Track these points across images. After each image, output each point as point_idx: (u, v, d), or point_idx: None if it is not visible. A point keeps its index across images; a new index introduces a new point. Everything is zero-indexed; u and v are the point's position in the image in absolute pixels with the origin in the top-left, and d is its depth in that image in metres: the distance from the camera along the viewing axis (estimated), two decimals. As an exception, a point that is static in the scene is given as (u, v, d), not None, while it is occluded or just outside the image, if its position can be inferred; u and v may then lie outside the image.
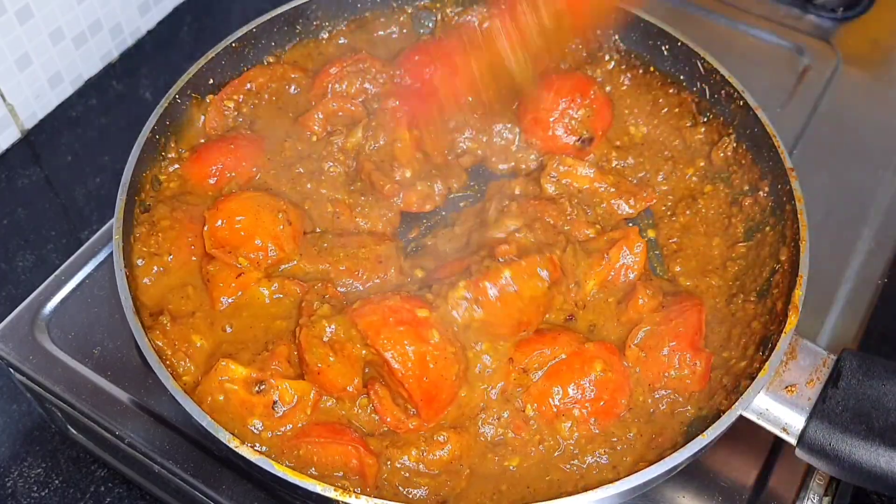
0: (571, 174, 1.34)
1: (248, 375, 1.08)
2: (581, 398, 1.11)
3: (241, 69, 1.43)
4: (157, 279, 1.20)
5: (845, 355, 1.06)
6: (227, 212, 1.20)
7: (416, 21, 1.55)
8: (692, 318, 1.17)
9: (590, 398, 1.11)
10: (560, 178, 1.34)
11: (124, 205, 1.20)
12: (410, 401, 1.08)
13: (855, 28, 1.77)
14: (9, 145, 1.68)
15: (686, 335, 1.15)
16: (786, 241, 1.22)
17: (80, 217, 1.61)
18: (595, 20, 1.39)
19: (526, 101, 1.41)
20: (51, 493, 1.30)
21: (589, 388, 1.11)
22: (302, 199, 1.30)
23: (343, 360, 1.09)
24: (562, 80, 1.41)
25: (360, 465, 1.04)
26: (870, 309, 1.35)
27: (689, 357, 1.14)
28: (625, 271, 1.23)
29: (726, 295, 1.25)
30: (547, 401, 1.12)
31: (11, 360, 1.22)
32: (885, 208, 1.48)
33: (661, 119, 1.46)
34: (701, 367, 1.14)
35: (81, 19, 1.71)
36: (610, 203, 1.35)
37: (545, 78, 1.41)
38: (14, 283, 1.52)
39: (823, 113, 1.61)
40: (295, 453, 1.05)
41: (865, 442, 0.99)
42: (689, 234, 1.33)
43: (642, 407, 1.14)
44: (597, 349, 1.14)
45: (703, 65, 1.40)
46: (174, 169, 1.33)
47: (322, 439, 1.05)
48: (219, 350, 1.14)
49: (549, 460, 1.10)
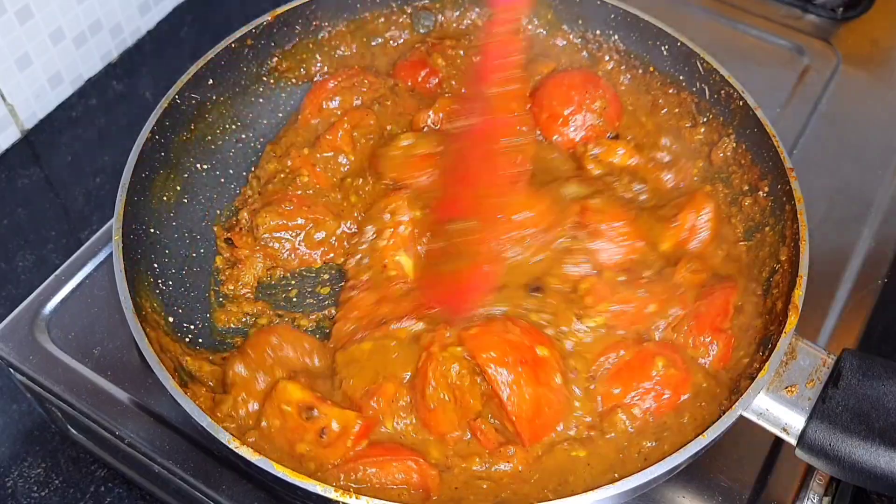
0: (611, 153, 1.36)
1: (302, 399, 1.07)
2: (644, 394, 1.12)
3: (241, 69, 1.43)
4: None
5: (845, 355, 1.06)
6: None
7: (417, 22, 1.55)
8: (718, 300, 1.17)
9: (653, 394, 1.12)
10: (601, 158, 1.35)
11: (124, 205, 1.20)
12: (517, 437, 1.08)
13: (855, 28, 1.77)
14: (9, 145, 1.68)
15: (707, 316, 1.16)
16: (785, 241, 1.22)
17: (80, 217, 1.61)
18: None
19: (540, 100, 1.41)
20: (51, 493, 1.30)
21: (652, 385, 1.12)
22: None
23: (457, 408, 1.08)
24: (570, 76, 1.42)
25: (422, 478, 1.04)
26: (870, 309, 1.35)
27: (706, 338, 1.14)
28: (698, 233, 1.25)
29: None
30: (612, 401, 1.12)
31: (11, 360, 1.22)
32: (885, 208, 1.48)
33: (661, 119, 1.46)
34: (719, 347, 1.14)
35: (81, 19, 1.71)
36: (654, 178, 1.36)
37: (552, 78, 1.41)
38: (14, 283, 1.52)
39: (823, 113, 1.61)
40: (353, 476, 1.04)
41: (865, 442, 0.99)
42: (690, 233, 1.34)
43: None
44: (657, 347, 1.15)
45: (703, 65, 1.40)
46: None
47: (380, 458, 1.04)
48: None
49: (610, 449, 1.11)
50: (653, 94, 1.48)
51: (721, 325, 1.17)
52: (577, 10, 1.51)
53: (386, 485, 1.03)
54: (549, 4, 1.52)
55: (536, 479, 1.09)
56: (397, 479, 1.03)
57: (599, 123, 1.40)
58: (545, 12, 1.54)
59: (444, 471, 1.07)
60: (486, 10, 1.56)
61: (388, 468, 1.04)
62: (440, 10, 1.56)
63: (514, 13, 1.10)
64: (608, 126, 1.41)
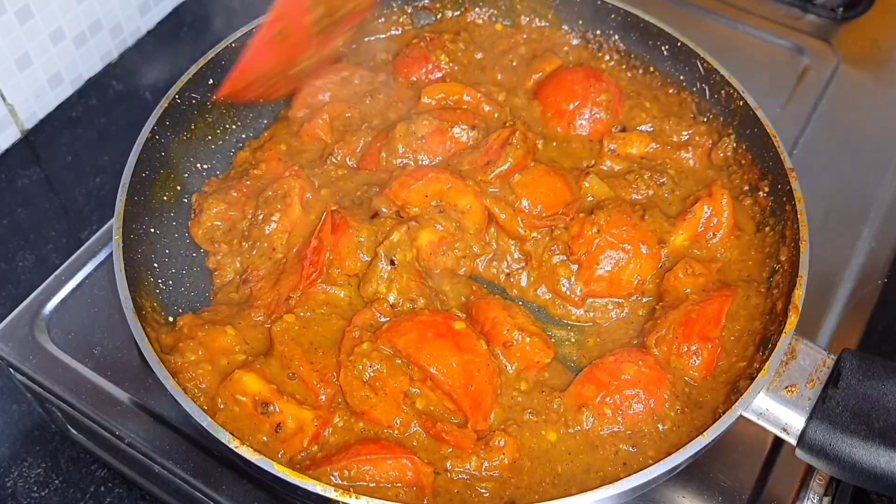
0: (628, 145, 1.36)
1: (258, 391, 1.08)
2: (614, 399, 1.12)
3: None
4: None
5: (845, 355, 1.06)
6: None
7: (417, 21, 1.55)
8: (711, 307, 1.16)
9: (624, 397, 1.11)
10: (619, 153, 1.36)
11: (124, 205, 1.20)
12: (459, 410, 1.09)
13: (855, 28, 1.77)
14: (9, 145, 1.68)
15: (696, 323, 1.15)
16: (786, 241, 1.22)
17: (80, 217, 1.61)
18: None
19: (545, 97, 1.42)
20: (51, 493, 1.30)
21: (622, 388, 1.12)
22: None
23: (385, 399, 1.09)
24: (572, 73, 1.43)
25: (416, 476, 1.04)
26: (870, 309, 1.35)
27: (692, 346, 1.14)
28: (713, 225, 1.26)
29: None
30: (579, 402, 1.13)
31: (11, 360, 1.22)
32: (885, 208, 1.48)
33: (665, 103, 1.46)
34: (703, 357, 1.14)
35: (81, 19, 1.71)
36: (674, 158, 1.37)
37: (555, 75, 1.42)
38: (14, 283, 1.52)
39: (823, 113, 1.61)
40: (347, 473, 1.04)
41: (865, 442, 0.99)
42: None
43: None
44: (628, 354, 1.15)
45: (703, 65, 1.40)
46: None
47: (374, 455, 1.05)
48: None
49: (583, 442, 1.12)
50: (653, 93, 1.48)
51: (710, 333, 1.15)
52: (577, 10, 1.51)
53: (380, 482, 1.04)
54: (549, 4, 1.52)
55: (529, 468, 1.09)
56: (391, 476, 1.04)
57: (606, 118, 1.40)
58: (546, 12, 1.54)
59: (439, 473, 1.07)
60: (486, 9, 1.56)
61: (383, 466, 1.04)
62: (440, 10, 1.56)
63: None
64: (614, 119, 1.41)
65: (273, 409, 1.07)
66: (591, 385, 1.13)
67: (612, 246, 1.22)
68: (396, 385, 1.10)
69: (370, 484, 1.03)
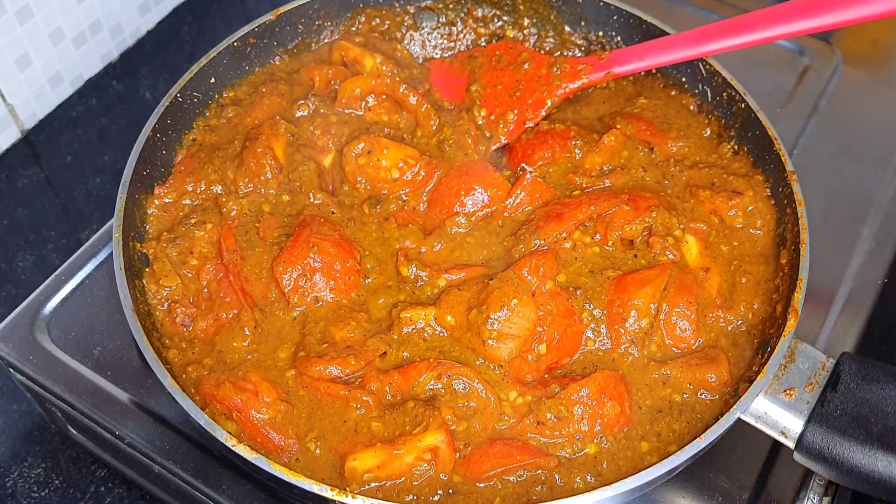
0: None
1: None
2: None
3: (243, 69, 1.43)
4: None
5: (844, 359, 1.06)
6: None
7: (419, 22, 1.55)
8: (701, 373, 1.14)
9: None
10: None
11: (124, 205, 1.20)
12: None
13: (855, 28, 1.76)
14: (9, 145, 1.68)
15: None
16: (786, 244, 1.22)
17: (80, 217, 1.61)
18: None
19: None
20: (51, 493, 1.30)
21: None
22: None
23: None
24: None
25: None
26: (870, 310, 1.35)
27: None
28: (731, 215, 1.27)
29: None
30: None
31: (11, 360, 1.22)
32: (885, 208, 1.48)
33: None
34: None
35: (81, 19, 1.71)
36: (697, 134, 1.39)
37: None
38: (14, 283, 1.52)
39: (823, 113, 1.61)
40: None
41: (863, 446, 0.99)
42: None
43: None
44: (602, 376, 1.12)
45: (705, 67, 1.40)
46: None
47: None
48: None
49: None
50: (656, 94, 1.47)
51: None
52: (579, 12, 1.51)
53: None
54: (551, 6, 1.52)
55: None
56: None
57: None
58: (548, 14, 1.54)
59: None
60: (489, 9, 1.56)
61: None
62: (442, 11, 1.55)
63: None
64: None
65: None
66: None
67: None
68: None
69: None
